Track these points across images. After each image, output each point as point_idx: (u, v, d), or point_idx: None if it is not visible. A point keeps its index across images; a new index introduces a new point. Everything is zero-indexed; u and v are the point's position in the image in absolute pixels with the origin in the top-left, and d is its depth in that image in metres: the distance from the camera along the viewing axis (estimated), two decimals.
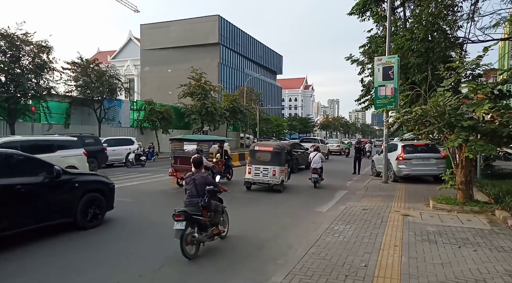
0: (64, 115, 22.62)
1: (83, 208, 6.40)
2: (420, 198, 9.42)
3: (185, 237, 4.86)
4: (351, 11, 15.67)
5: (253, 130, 47.76)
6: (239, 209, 8.40)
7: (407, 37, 13.31)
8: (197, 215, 5.10)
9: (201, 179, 5.26)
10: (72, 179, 6.42)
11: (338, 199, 10.12)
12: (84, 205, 6.43)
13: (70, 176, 6.44)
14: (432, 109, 7.71)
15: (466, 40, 13.13)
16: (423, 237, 5.72)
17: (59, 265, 4.80)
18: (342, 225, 6.51)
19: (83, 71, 22.57)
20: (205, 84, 32.49)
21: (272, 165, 10.95)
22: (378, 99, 12.39)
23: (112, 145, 17.99)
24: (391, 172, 13.28)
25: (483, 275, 4.18)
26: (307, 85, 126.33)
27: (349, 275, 4.15)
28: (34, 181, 5.78)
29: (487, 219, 6.96)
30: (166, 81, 60.50)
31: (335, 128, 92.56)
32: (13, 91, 17.86)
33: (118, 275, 4.47)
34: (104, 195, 6.89)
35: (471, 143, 7.10)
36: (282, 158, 11.24)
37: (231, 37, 70.28)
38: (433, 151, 13.08)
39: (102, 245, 5.66)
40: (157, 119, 27.78)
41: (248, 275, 4.50)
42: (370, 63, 15.76)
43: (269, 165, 10.97)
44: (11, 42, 17.44)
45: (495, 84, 7.87)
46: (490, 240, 5.57)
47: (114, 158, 18.06)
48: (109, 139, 18.70)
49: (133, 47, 79.26)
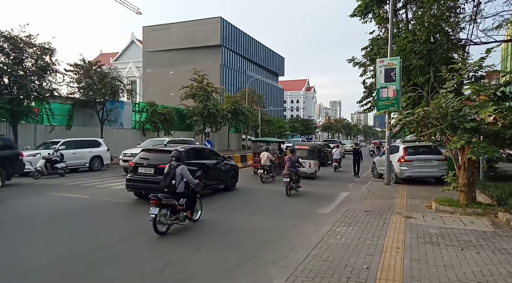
0: (66, 117, 22.66)
1: (230, 179, 11.43)
2: (423, 200, 9.40)
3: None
4: (353, 13, 15.68)
5: (255, 132, 47.74)
6: (242, 210, 8.40)
7: (409, 39, 13.29)
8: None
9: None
10: (226, 162, 11.53)
11: (340, 201, 10.10)
12: (230, 177, 11.50)
13: (225, 160, 11.63)
14: (435, 111, 7.69)
15: (469, 42, 13.10)
16: (425, 239, 5.70)
17: (61, 269, 4.79)
18: (344, 227, 6.50)
19: (85, 73, 22.63)
20: (207, 86, 32.53)
21: (308, 159, 14.70)
22: (380, 101, 12.38)
23: (72, 147, 16.05)
24: (393, 173, 13.24)
25: (485, 277, 4.15)
26: (309, 87, 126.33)
27: (351, 277, 4.14)
28: (213, 162, 10.86)
29: (490, 221, 6.93)
30: (168, 83, 60.68)
31: (337, 130, 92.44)
32: (16, 93, 17.94)
33: (120, 276, 4.48)
34: (236, 172, 12.05)
35: (474, 144, 7.07)
36: (315, 154, 15.18)
37: (233, 39, 70.45)
38: (434, 152, 13.05)
39: (102, 247, 5.66)
40: (159, 121, 27.82)
41: (250, 277, 4.50)
42: (372, 65, 15.75)
43: (306, 159, 14.58)
44: (14, 45, 17.52)
45: (498, 86, 7.85)
46: (493, 242, 5.54)
47: (75, 162, 16.09)
48: (68, 141, 16.49)
49: (135, 49, 79.58)
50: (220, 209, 8.65)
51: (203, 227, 7.00)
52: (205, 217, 7.62)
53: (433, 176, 12.99)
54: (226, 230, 6.71)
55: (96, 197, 9.82)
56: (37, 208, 8.49)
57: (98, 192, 10.72)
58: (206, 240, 6.02)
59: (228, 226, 7.00)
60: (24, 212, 8.12)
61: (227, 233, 6.55)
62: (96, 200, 9.43)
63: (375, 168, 15.62)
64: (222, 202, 9.71)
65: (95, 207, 8.65)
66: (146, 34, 71.33)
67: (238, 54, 72.89)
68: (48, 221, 7.27)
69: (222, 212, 8.34)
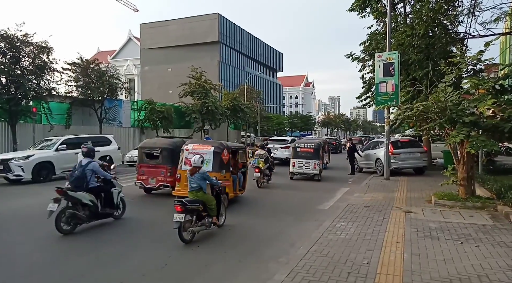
0: (65, 116, 22.60)
1: None
2: (422, 194, 9.42)
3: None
4: (351, 7, 15.63)
5: (254, 129, 47.71)
6: (242, 206, 8.40)
7: (408, 33, 13.26)
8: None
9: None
10: None
11: (340, 196, 10.12)
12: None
13: None
14: (434, 105, 7.69)
15: (467, 35, 13.08)
16: (425, 234, 5.72)
17: (62, 268, 4.82)
18: (344, 222, 6.51)
19: (83, 72, 22.53)
20: (205, 83, 32.43)
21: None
22: (379, 96, 12.36)
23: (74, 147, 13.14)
24: (380, 167, 14.00)
25: (485, 270, 4.17)
26: (307, 83, 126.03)
27: (352, 272, 4.15)
28: None
29: (489, 214, 6.95)
30: (166, 81, 60.48)
31: (336, 126, 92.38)
32: (13, 93, 17.86)
33: (121, 274, 4.49)
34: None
35: (473, 138, 7.08)
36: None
37: (231, 35, 70.13)
38: (416, 145, 14.50)
39: (104, 246, 5.68)
40: (158, 119, 27.76)
41: (251, 273, 4.51)
42: (371, 60, 15.72)
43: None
44: (11, 44, 17.41)
45: (496, 79, 7.84)
46: (493, 235, 5.56)
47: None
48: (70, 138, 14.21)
49: (133, 46, 79.20)
50: None
51: None
52: None
53: (417, 167, 14.18)
54: (226, 227, 6.72)
55: None
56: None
57: None
58: (206, 238, 6.02)
59: (228, 223, 7.00)
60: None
61: (227, 230, 6.56)
62: None
63: (357, 162, 16.26)
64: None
65: None
66: (143, 31, 70.98)
67: (236, 50, 72.60)
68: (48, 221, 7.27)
69: None
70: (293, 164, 13.91)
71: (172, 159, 9.42)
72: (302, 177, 13.94)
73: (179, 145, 9.43)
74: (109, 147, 15.55)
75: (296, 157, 13.89)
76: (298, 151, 13.94)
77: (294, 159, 13.90)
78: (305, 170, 13.66)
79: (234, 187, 8.80)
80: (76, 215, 6.09)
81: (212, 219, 6.09)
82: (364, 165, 16.01)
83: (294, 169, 13.85)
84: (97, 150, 14.22)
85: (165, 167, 9.52)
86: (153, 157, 9.87)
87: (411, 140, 15.00)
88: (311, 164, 13.60)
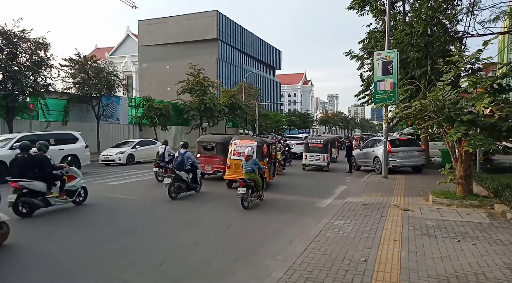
0: (62, 112, 22.53)
1: None
2: (420, 192, 9.44)
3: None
4: (350, 5, 15.59)
5: (252, 126, 47.67)
6: (240, 205, 8.40)
7: (407, 32, 13.26)
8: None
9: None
10: None
11: (338, 194, 10.14)
12: None
13: None
14: (432, 104, 7.69)
15: (466, 34, 13.09)
16: (422, 232, 5.73)
17: (62, 265, 4.80)
18: (342, 220, 6.52)
19: (81, 68, 22.43)
20: (203, 80, 32.36)
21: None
22: (378, 94, 12.36)
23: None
24: (378, 165, 13.94)
25: (482, 268, 4.19)
26: (306, 81, 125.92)
27: (349, 270, 4.16)
28: None
29: (486, 212, 6.98)
30: (164, 78, 60.23)
31: (335, 124, 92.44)
32: (10, 89, 17.79)
33: (118, 271, 4.48)
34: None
35: (471, 137, 7.09)
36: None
37: (230, 32, 69.87)
38: (414, 144, 14.48)
39: (102, 243, 5.67)
40: (156, 116, 27.71)
41: (249, 270, 4.51)
42: (370, 58, 15.72)
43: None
44: (8, 39, 17.32)
45: (494, 78, 7.85)
46: (489, 233, 5.59)
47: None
48: (27, 135, 12.56)
49: (131, 43, 78.75)
50: (217, 204, 8.68)
51: (201, 221, 7.02)
52: (202, 212, 7.64)
53: (414, 165, 14.10)
54: (224, 224, 6.72)
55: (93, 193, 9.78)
56: None
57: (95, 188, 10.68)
58: (204, 235, 6.02)
59: (225, 220, 7.01)
60: None
61: (225, 227, 6.56)
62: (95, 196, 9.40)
63: (355, 161, 16.34)
64: (219, 196, 9.72)
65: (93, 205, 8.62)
66: (141, 28, 70.56)
67: (235, 48, 72.37)
68: (48, 219, 7.25)
69: (219, 207, 8.36)
70: (305, 157, 16.40)
71: (224, 151, 11.73)
72: (313, 168, 16.34)
73: (228, 140, 11.96)
74: (75, 145, 14.11)
75: (307, 151, 16.35)
76: (310, 146, 16.39)
77: (306, 153, 16.39)
78: (316, 162, 16.13)
79: (270, 173, 11.04)
80: (180, 186, 9.02)
81: (259, 192, 8.32)
82: (362, 163, 16.06)
83: (306, 161, 16.35)
84: (60, 148, 13.23)
85: (218, 157, 12.09)
86: (209, 149, 12.37)
87: (409, 139, 15.02)
88: (321, 157, 16.00)
